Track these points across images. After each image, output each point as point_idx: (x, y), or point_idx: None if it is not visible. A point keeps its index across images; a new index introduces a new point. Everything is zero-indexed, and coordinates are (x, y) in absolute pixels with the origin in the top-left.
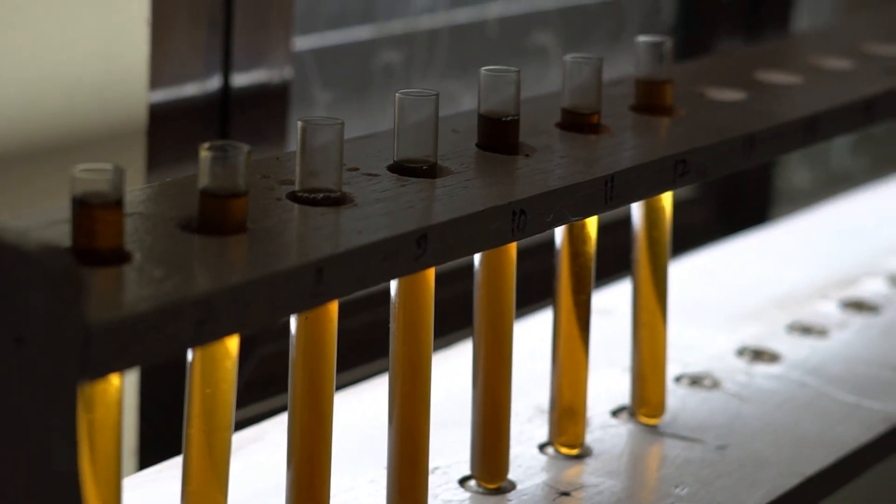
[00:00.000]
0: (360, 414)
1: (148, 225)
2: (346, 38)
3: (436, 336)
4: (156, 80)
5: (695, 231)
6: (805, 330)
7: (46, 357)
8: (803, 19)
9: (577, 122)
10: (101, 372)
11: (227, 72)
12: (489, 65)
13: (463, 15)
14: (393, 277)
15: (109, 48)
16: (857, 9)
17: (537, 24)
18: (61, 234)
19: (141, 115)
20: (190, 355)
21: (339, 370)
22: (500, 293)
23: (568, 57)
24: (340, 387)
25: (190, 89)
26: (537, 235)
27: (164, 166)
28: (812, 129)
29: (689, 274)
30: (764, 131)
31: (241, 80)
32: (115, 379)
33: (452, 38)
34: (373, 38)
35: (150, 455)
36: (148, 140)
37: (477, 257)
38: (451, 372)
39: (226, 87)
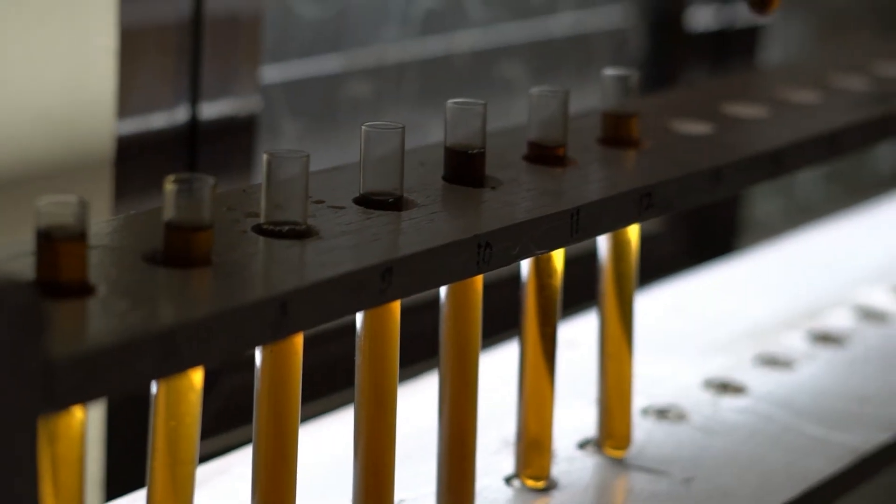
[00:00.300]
0: (326, 446)
1: (113, 257)
2: (315, 69)
3: (401, 368)
4: (123, 111)
5: (662, 263)
6: (772, 362)
7: (9, 390)
8: (773, 51)
9: (544, 155)
10: (65, 405)
11: (195, 103)
12: (459, 97)
13: (432, 47)
14: (358, 310)
15: (76, 79)
16: (826, 41)
17: (506, 56)
18: (25, 267)
19: (108, 147)
20: (154, 388)
21: (304, 402)
22: (465, 326)
23: (534, 90)
24: (305, 419)
25: (157, 120)
26: (506, 268)
27: (132, 197)
28: (778, 162)
29: (656, 306)
30: (730, 164)
31: (209, 110)
32: (78, 412)
33: (422, 70)
34: (342, 69)
35: (115, 487)
36: (115, 171)
37: (443, 290)
38: (417, 404)
39: (194, 118)
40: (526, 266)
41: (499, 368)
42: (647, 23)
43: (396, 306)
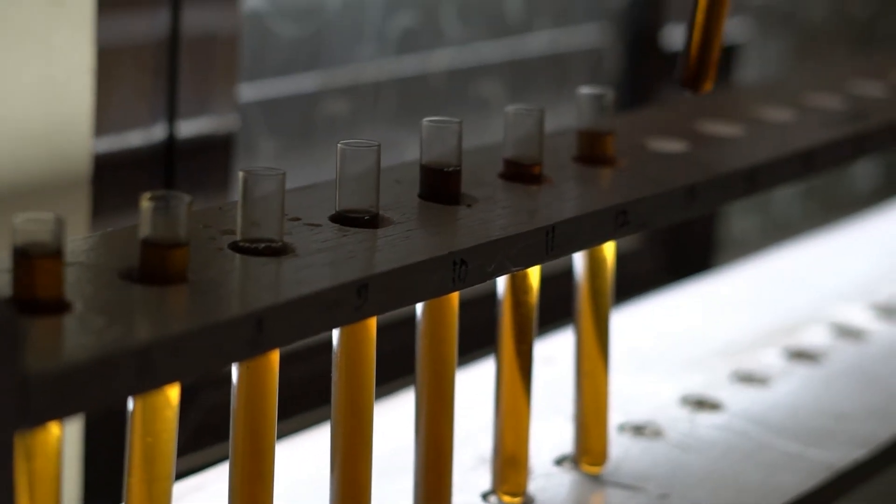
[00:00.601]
0: (302, 463)
1: (89, 274)
2: (292, 87)
3: (378, 385)
4: (100, 129)
5: (639, 280)
6: (748, 379)
7: None
8: (749, 70)
9: (520, 173)
10: (41, 421)
11: (172, 121)
12: (435, 115)
13: (409, 66)
14: (334, 327)
15: (53, 97)
16: (802, 60)
17: (483, 74)
18: (1, 284)
19: (85, 165)
20: (131, 404)
21: (280, 419)
22: (441, 342)
23: (510, 108)
24: (282, 436)
25: (135, 138)
26: (483, 285)
27: (109, 215)
28: (752, 180)
29: (633, 323)
30: (704, 182)
31: (186, 129)
32: (54, 428)
33: (399, 89)
34: (319, 88)
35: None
36: (92, 189)
37: (419, 307)
38: (394, 421)
39: (171, 136)
40: (502, 283)
41: (475, 385)
42: (624, 42)
43: (372, 323)
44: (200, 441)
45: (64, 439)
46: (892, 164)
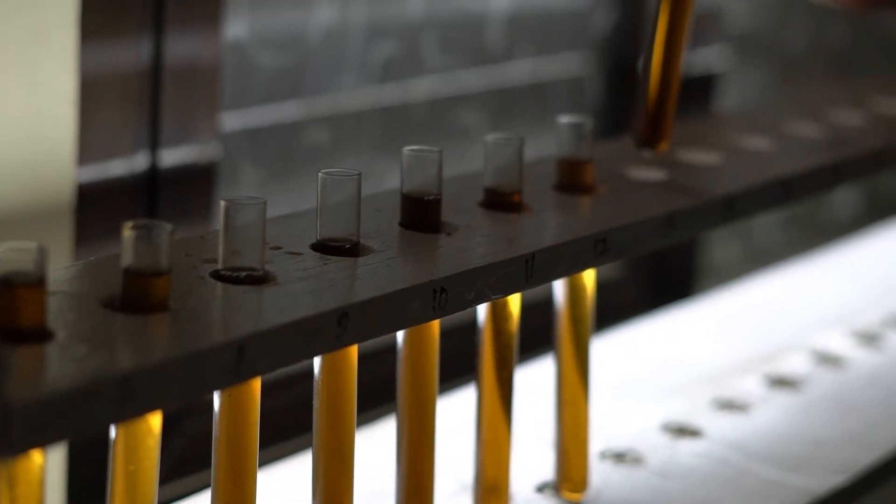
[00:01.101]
0: (284, 490)
1: (72, 303)
2: (274, 116)
3: (359, 413)
4: (83, 159)
5: (621, 308)
6: (728, 406)
7: None
8: (729, 98)
9: (499, 202)
10: (23, 449)
11: (154, 150)
12: (417, 144)
13: (390, 95)
14: (315, 355)
15: (36, 127)
16: (781, 88)
17: (464, 103)
18: None
19: (68, 194)
20: (113, 432)
21: (262, 447)
22: (422, 370)
23: (489, 137)
24: (264, 463)
25: (117, 168)
26: (464, 313)
27: (92, 244)
28: (731, 208)
29: (613, 350)
30: (684, 210)
31: (168, 158)
32: (37, 456)
33: (380, 118)
34: (301, 117)
35: None
36: (75, 218)
37: (400, 334)
38: (375, 449)
39: (153, 165)
40: (482, 311)
41: (456, 412)
42: (604, 70)
43: (353, 351)
44: (183, 469)
45: (46, 467)
46: (873, 191)
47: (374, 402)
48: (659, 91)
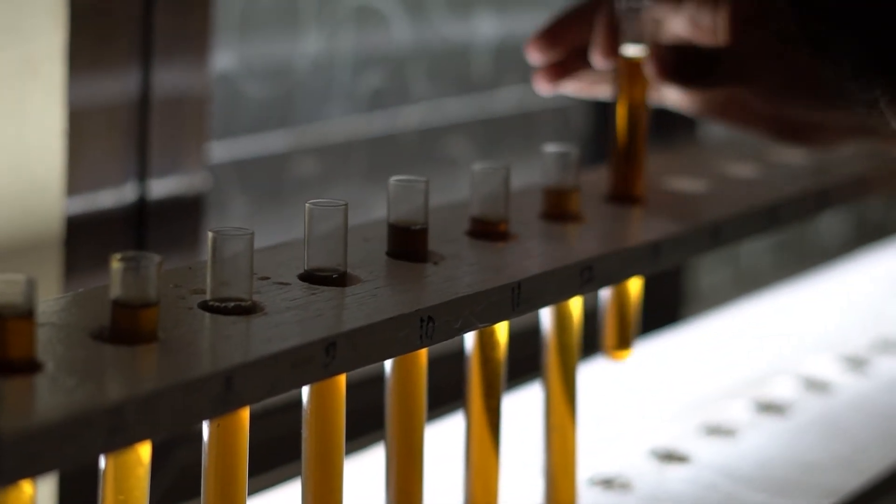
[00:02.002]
0: None
1: (61, 335)
2: (262, 147)
3: (348, 441)
4: (72, 190)
5: None
6: (716, 431)
7: None
8: (715, 127)
9: (486, 231)
10: (12, 480)
11: (143, 181)
12: (404, 173)
13: (378, 125)
14: (303, 385)
15: (25, 160)
16: None
17: (451, 133)
18: None
19: (57, 225)
20: (103, 462)
21: (251, 476)
22: (410, 398)
23: (476, 166)
24: (253, 492)
25: (106, 199)
26: (451, 341)
27: (81, 275)
28: (717, 235)
29: (600, 376)
30: (669, 238)
31: (157, 189)
32: (27, 486)
33: (368, 148)
34: (289, 148)
35: None
36: (64, 249)
37: (388, 363)
38: (364, 477)
39: (142, 196)
40: (470, 339)
41: (445, 440)
42: (590, 100)
43: (342, 380)
44: (172, 499)
45: (37, 498)
46: (860, 216)
47: (362, 431)
48: (618, 300)
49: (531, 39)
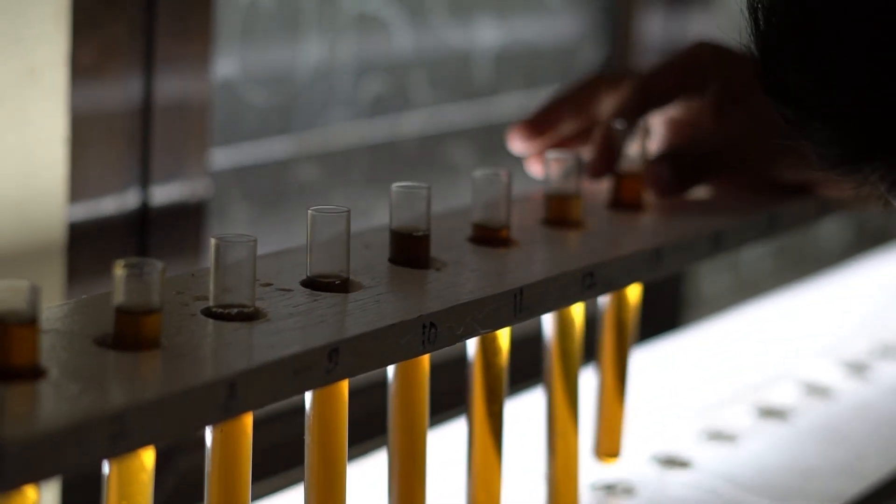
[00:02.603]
0: None
1: (64, 341)
2: (264, 153)
3: (350, 446)
4: (74, 197)
5: None
6: (718, 437)
7: None
8: None
9: (487, 237)
10: (15, 486)
11: (145, 188)
12: (406, 179)
13: (380, 132)
14: (305, 391)
15: (27, 166)
16: None
17: (453, 139)
18: None
19: (59, 232)
20: (106, 468)
21: (254, 481)
22: (413, 404)
23: (477, 173)
24: (256, 498)
25: (108, 206)
26: (454, 347)
27: (84, 282)
28: (717, 242)
29: None
30: (670, 244)
31: (159, 196)
32: (30, 492)
33: (370, 154)
34: (291, 154)
35: None
36: (67, 256)
37: (390, 369)
38: (367, 482)
39: (144, 203)
40: (472, 345)
41: (447, 446)
42: None
43: (344, 386)
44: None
45: (40, 503)
46: (861, 222)
47: (365, 436)
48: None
49: (517, 128)
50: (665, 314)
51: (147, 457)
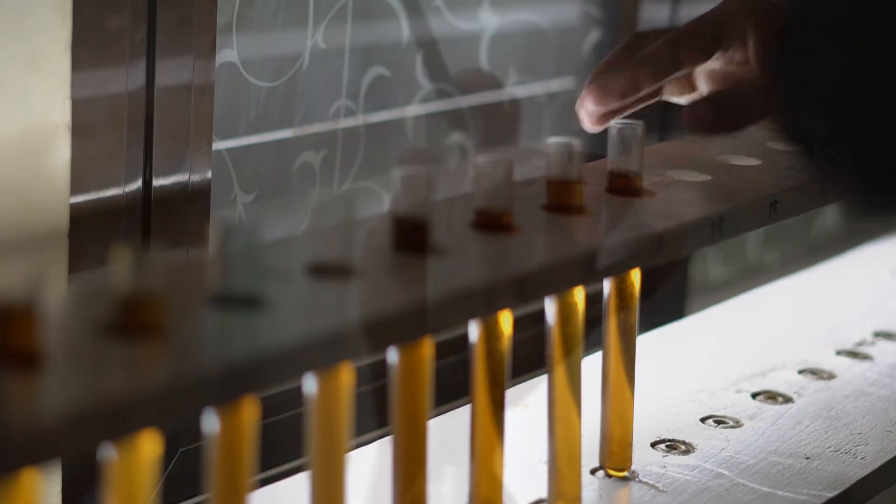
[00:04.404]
0: None
1: (66, 327)
2: (266, 139)
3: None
4: (77, 183)
5: None
6: (719, 421)
7: None
8: None
9: (489, 223)
10: (16, 469)
11: (148, 174)
12: (406, 165)
13: (383, 117)
14: (309, 378)
15: (30, 153)
16: None
17: (455, 126)
18: None
19: (62, 219)
20: (109, 455)
21: (258, 467)
22: (415, 390)
23: (479, 159)
24: (259, 484)
25: (111, 192)
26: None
27: (86, 268)
28: (719, 227)
29: None
30: (672, 229)
31: (162, 182)
32: (32, 477)
33: (373, 140)
34: (293, 140)
35: None
36: (70, 243)
37: (393, 355)
38: (370, 468)
39: (147, 189)
40: (474, 331)
41: (450, 431)
42: None
43: (348, 374)
44: (179, 492)
45: (42, 490)
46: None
47: (368, 423)
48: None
49: (588, 91)
50: (668, 300)
51: (151, 443)
